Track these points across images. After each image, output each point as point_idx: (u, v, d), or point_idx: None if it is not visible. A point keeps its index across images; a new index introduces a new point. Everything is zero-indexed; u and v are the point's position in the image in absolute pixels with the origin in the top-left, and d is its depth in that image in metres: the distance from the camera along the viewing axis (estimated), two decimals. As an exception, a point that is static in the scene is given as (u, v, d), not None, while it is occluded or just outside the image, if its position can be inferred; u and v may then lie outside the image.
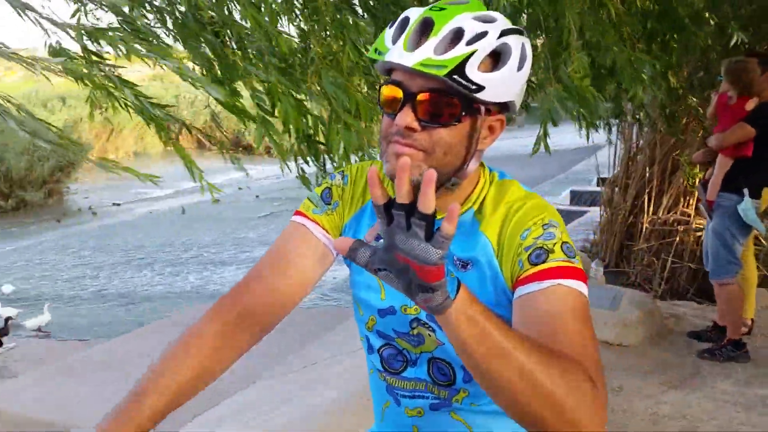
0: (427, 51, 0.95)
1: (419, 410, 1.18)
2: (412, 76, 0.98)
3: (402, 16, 1.02)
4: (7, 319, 9.09)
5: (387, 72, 1.04)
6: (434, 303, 0.79)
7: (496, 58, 1.00)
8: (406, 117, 0.98)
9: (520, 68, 1.02)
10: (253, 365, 4.76)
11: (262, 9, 2.61)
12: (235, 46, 2.68)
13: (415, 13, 1.00)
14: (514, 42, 1.01)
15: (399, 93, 0.99)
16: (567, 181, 17.27)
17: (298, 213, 1.22)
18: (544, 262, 1.00)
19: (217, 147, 3.05)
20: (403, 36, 0.98)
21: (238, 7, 2.60)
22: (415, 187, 1.01)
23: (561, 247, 1.01)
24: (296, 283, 1.18)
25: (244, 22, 2.62)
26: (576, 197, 11.45)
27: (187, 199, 20.44)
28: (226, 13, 2.69)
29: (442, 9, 0.99)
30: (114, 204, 23.97)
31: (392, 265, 0.78)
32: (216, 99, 2.38)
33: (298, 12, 2.90)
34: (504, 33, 1.00)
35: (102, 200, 24.68)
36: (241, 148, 29.90)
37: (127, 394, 1.07)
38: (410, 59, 0.96)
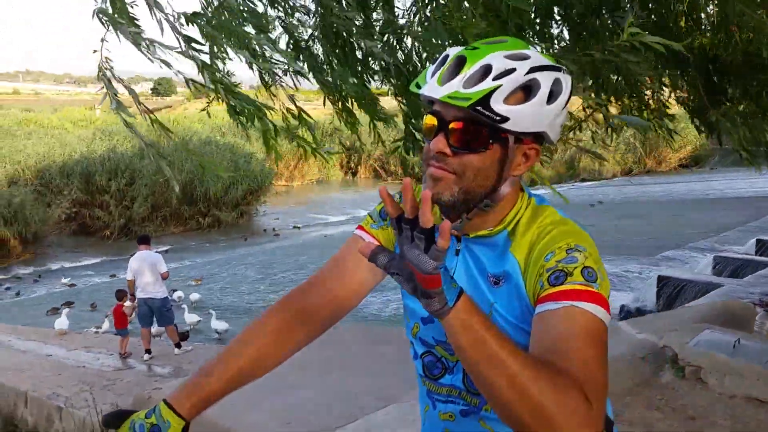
0: (456, 85, 1.06)
1: (451, 414, 1.25)
2: (447, 108, 1.08)
3: (443, 54, 1.13)
4: (183, 335, 10.09)
5: (430, 104, 1.14)
6: (433, 308, 0.90)
7: (527, 92, 1.08)
8: (439, 143, 1.09)
9: (550, 102, 1.09)
10: (393, 387, 4.91)
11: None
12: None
13: (453, 52, 1.11)
14: (544, 78, 1.08)
15: (434, 121, 1.10)
16: (758, 230, 15.88)
17: (359, 227, 1.35)
18: (561, 284, 1.03)
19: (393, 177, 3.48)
20: (439, 71, 1.09)
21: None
22: (449, 206, 1.11)
23: (581, 271, 1.04)
24: (351, 290, 1.30)
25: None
26: (762, 247, 10.49)
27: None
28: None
29: (475, 48, 1.10)
30: (294, 227, 25.76)
31: (402, 270, 0.89)
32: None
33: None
34: (534, 69, 1.08)
35: (284, 223, 26.58)
36: (415, 180, 30.76)
37: (196, 372, 1.23)
38: (440, 92, 1.06)
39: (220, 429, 4.22)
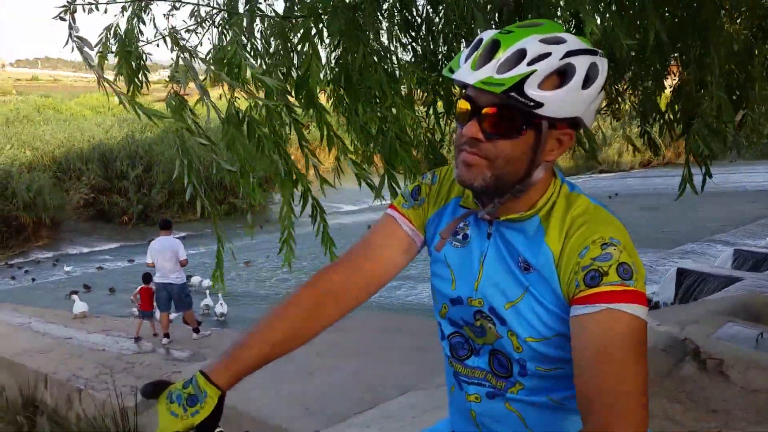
0: (489, 70, 1.04)
1: (477, 396, 1.27)
2: (480, 93, 1.07)
3: (477, 38, 1.12)
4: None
5: (463, 88, 1.12)
6: None
7: (563, 77, 1.06)
8: (472, 128, 1.08)
9: (586, 86, 1.07)
10: (409, 375, 4.93)
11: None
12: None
13: (487, 36, 1.09)
14: (580, 62, 1.06)
15: (468, 107, 1.10)
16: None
17: (391, 206, 1.36)
18: (597, 285, 1.03)
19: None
20: (473, 56, 1.08)
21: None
22: (481, 191, 1.13)
23: (617, 269, 1.03)
24: (381, 267, 1.32)
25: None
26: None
27: (375, 215, 21.53)
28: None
29: (509, 32, 1.08)
30: (309, 216, 25.79)
31: None
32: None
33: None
34: (569, 54, 1.06)
35: (298, 212, 26.56)
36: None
37: (231, 344, 1.25)
38: (474, 77, 1.05)
39: (240, 413, 4.26)
